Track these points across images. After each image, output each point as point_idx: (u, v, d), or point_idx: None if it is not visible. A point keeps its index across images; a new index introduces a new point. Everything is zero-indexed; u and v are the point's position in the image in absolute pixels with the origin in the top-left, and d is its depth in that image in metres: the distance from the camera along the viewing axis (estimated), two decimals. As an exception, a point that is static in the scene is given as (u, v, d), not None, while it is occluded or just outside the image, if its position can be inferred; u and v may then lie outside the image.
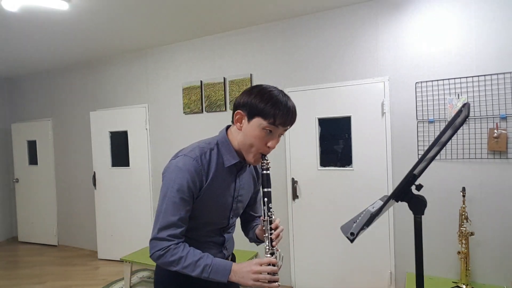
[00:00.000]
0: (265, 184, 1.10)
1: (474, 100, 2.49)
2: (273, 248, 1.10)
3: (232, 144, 1.13)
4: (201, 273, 1.03)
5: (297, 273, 3.21)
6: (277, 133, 1.07)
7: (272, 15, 3.10)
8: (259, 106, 1.03)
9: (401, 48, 2.73)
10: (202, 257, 1.06)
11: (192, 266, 1.04)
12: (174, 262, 1.03)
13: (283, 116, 1.03)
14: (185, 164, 1.05)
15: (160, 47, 3.93)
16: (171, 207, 1.04)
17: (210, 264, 1.05)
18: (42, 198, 4.95)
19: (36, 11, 2.81)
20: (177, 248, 1.04)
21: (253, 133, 1.05)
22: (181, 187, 1.04)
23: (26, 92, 5.12)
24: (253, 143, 1.06)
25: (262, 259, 1.07)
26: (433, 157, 0.91)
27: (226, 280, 1.04)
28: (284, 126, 1.06)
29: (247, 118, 1.07)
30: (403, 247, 2.78)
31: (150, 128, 4.04)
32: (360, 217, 0.97)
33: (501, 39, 2.41)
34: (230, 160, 1.12)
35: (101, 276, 3.70)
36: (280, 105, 1.03)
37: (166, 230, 1.04)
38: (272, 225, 1.10)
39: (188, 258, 1.04)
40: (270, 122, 1.03)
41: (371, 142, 2.86)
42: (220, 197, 1.14)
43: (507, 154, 2.41)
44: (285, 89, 3.20)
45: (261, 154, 1.09)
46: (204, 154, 1.09)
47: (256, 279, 1.04)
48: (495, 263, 2.47)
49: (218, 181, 1.12)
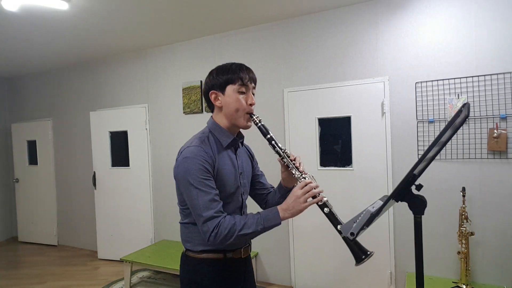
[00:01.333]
0: (265, 132, 1.25)
1: (474, 100, 2.49)
2: (302, 174, 1.21)
3: (222, 125, 1.26)
4: (256, 226, 1.13)
5: (297, 273, 3.21)
6: (250, 91, 1.26)
7: (272, 15, 3.10)
8: (224, 77, 1.22)
9: (401, 48, 2.73)
10: (249, 216, 1.16)
11: (246, 226, 1.13)
12: (230, 232, 1.10)
13: (245, 74, 1.23)
14: (193, 152, 1.15)
15: (160, 47, 3.93)
16: (202, 188, 1.12)
17: (260, 216, 1.16)
18: (42, 198, 4.95)
19: (36, 11, 2.81)
20: (225, 220, 1.12)
21: (232, 99, 1.22)
22: (200, 170, 1.12)
23: (26, 92, 5.12)
24: (237, 107, 1.22)
25: (299, 184, 1.17)
26: (433, 157, 0.92)
27: (279, 221, 1.15)
28: (251, 82, 1.26)
29: (221, 93, 1.24)
30: (403, 247, 2.78)
31: (150, 128, 4.04)
32: (360, 217, 0.98)
33: (501, 39, 2.41)
34: (227, 139, 1.25)
35: (101, 276, 3.70)
36: (237, 68, 1.23)
37: (209, 209, 1.11)
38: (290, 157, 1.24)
39: (239, 222, 1.13)
40: (240, 84, 1.22)
41: (371, 142, 2.86)
42: (230, 174, 1.24)
43: (507, 154, 2.41)
44: (285, 89, 3.20)
45: (249, 115, 1.25)
46: (203, 141, 1.20)
47: (304, 200, 1.14)
48: (495, 263, 2.47)
49: (223, 160, 1.23)
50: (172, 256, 3.32)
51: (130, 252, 3.55)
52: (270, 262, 3.34)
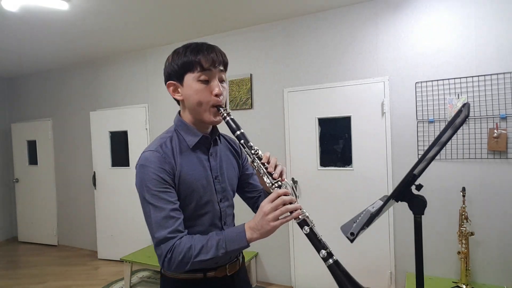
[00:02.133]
0: (234, 128, 1.00)
1: (474, 100, 2.48)
2: (275, 180, 0.95)
3: (188, 122, 1.06)
4: (217, 251, 0.91)
5: (297, 273, 3.21)
6: (214, 79, 1.00)
7: (272, 15, 3.10)
8: (179, 63, 0.98)
9: (401, 48, 2.73)
10: (210, 237, 0.94)
11: (204, 250, 0.92)
12: (184, 257, 0.90)
13: (207, 57, 0.97)
14: (147, 159, 0.98)
15: (160, 47, 3.93)
16: (156, 204, 0.95)
17: (222, 238, 0.93)
18: (42, 198, 4.95)
19: (36, 11, 2.81)
20: (181, 242, 0.92)
21: (192, 91, 0.99)
22: (154, 181, 0.95)
23: (26, 92, 5.12)
24: (199, 99, 0.99)
25: (270, 196, 0.92)
26: (433, 157, 0.91)
27: (246, 242, 0.92)
28: (216, 66, 0.99)
29: (179, 83, 1.01)
30: (403, 247, 2.78)
31: (150, 128, 4.04)
32: (360, 217, 0.97)
33: (501, 39, 2.41)
34: (193, 139, 1.04)
35: (101, 276, 3.70)
36: (195, 50, 0.98)
37: (163, 229, 0.93)
38: (262, 160, 0.98)
39: (196, 245, 0.92)
40: (199, 71, 0.97)
41: (371, 142, 2.86)
42: (198, 180, 1.03)
43: (507, 154, 2.41)
44: (285, 89, 3.20)
45: (215, 108, 1.01)
46: (164, 143, 1.02)
47: (274, 217, 0.89)
48: (495, 263, 2.47)
49: (188, 164, 1.02)
50: (172, 256, 3.32)
51: (130, 252, 3.54)
52: (270, 262, 3.34)
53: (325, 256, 0.89)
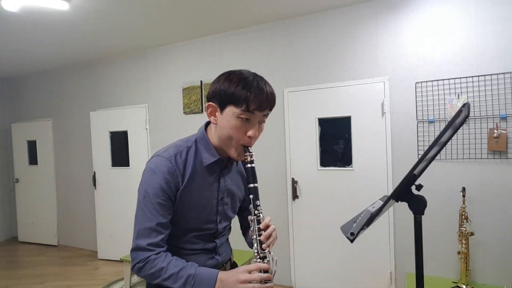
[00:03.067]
0: (250, 179, 0.97)
1: (474, 100, 2.48)
2: (263, 251, 0.96)
3: (211, 141, 1.03)
4: (184, 284, 0.93)
5: (297, 273, 3.21)
6: (255, 120, 0.96)
7: (272, 15, 3.10)
8: (228, 92, 0.93)
9: (401, 48, 2.73)
10: (184, 267, 0.95)
11: (174, 278, 0.93)
12: (154, 274, 0.94)
13: (256, 99, 0.92)
14: (158, 166, 0.97)
15: (160, 47, 3.93)
16: (147, 212, 0.97)
17: (194, 274, 0.94)
18: (42, 198, 4.95)
19: (36, 11, 2.81)
20: (157, 258, 0.94)
21: (228, 124, 0.95)
22: (155, 190, 0.96)
23: (26, 92, 5.12)
24: (231, 135, 0.96)
25: (251, 265, 0.93)
26: (433, 157, 0.91)
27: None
28: (261, 111, 0.95)
29: (219, 109, 0.97)
30: (403, 247, 2.78)
31: (150, 128, 4.04)
32: (360, 217, 0.97)
33: (501, 39, 2.41)
34: (209, 158, 1.02)
35: (101, 276, 3.70)
36: (251, 88, 0.92)
37: (144, 238, 0.95)
38: (260, 225, 0.97)
39: (169, 269, 0.94)
40: (243, 109, 0.92)
41: (371, 142, 2.86)
42: (201, 199, 1.04)
43: (507, 154, 2.41)
44: (285, 89, 3.20)
45: (243, 147, 0.98)
46: (180, 153, 1.00)
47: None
48: (495, 263, 2.47)
49: (197, 182, 1.02)
50: (172, 256, 3.32)
51: (130, 252, 3.54)
52: None
53: None
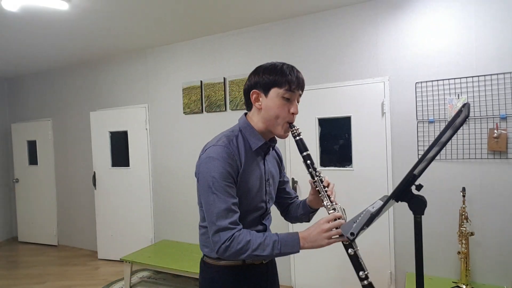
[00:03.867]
0: (301, 148, 1.12)
1: (474, 100, 2.48)
2: (332, 204, 1.10)
3: (255, 127, 1.16)
4: (272, 250, 1.02)
5: (297, 273, 3.20)
6: (294, 98, 1.13)
7: (272, 15, 3.10)
8: (270, 78, 1.10)
9: (401, 48, 2.73)
10: (267, 236, 1.04)
11: (262, 247, 1.02)
12: (242, 248, 1.01)
13: (294, 79, 1.10)
14: (218, 153, 1.06)
15: (160, 47, 3.93)
16: (221, 195, 1.04)
17: (278, 240, 1.04)
18: (42, 198, 4.95)
19: (36, 11, 2.81)
20: (241, 234, 1.03)
21: (274, 104, 1.10)
22: (222, 174, 1.04)
23: (26, 92, 5.12)
24: (278, 114, 1.10)
25: (328, 216, 1.05)
26: (433, 157, 0.91)
27: (298, 249, 1.03)
28: (299, 89, 1.13)
29: (263, 94, 1.12)
30: (403, 247, 2.78)
31: (150, 128, 4.04)
32: (360, 217, 0.97)
33: (501, 39, 2.41)
34: (257, 142, 1.14)
35: (101, 276, 3.70)
36: (288, 71, 1.11)
37: (224, 219, 1.03)
38: (324, 182, 1.13)
39: (255, 240, 1.03)
40: (286, 89, 1.09)
41: (371, 142, 2.86)
42: (255, 180, 1.15)
43: (507, 154, 2.41)
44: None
45: (288, 124, 1.12)
46: (231, 141, 1.11)
47: (329, 236, 1.01)
48: (495, 263, 2.47)
49: (250, 165, 1.13)
50: (172, 256, 3.32)
51: (130, 252, 3.54)
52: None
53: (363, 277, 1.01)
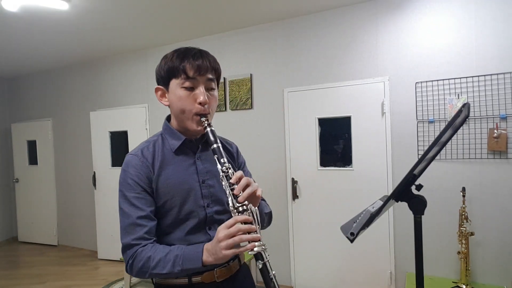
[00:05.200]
0: (211, 141, 0.96)
1: (474, 100, 2.48)
2: (240, 204, 0.88)
3: (175, 128, 1.06)
4: (172, 267, 0.89)
5: (297, 273, 3.20)
6: (200, 86, 0.97)
7: (272, 15, 3.10)
8: (165, 68, 0.98)
9: (401, 48, 2.73)
10: (172, 249, 0.92)
11: (161, 263, 0.90)
12: (144, 266, 0.90)
13: (193, 63, 0.95)
14: (126, 163, 0.99)
15: (160, 47, 3.93)
16: (126, 210, 0.96)
17: (180, 254, 0.90)
18: (42, 198, 4.95)
19: (36, 11, 2.81)
20: (143, 250, 0.92)
21: (176, 97, 0.98)
22: (128, 186, 0.97)
23: (26, 92, 5.12)
24: (182, 107, 0.98)
25: (228, 221, 0.86)
26: (433, 157, 0.91)
27: (200, 264, 0.88)
28: (202, 74, 0.96)
29: (165, 89, 1.01)
30: (403, 247, 2.78)
31: (150, 128, 4.03)
32: (360, 217, 0.97)
33: (501, 39, 2.41)
34: (176, 142, 1.03)
35: (101, 276, 3.70)
36: (184, 56, 0.96)
37: (128, 235, 0.94)
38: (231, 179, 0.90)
39: (156, 256, 0.90)
40: (183, 78, 0.95)
41: (371, 142, 2.86)
42: (180, 185, 1.00)
43: (507, 154, 2.41)
44: (285, 89, 3.20)
45: (199, 116, 0.98)
46: (147, 147, 1.02)
47: (227, 246, 0.83)
48: (495, 263, 2.47)
49: (170, 168, 1.01)
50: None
51: (130, 252, 3.54)
52: (270, 262, 3.34)
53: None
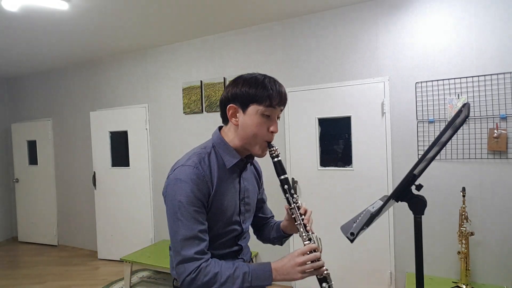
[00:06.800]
0: (279, 171, 1.05)
1: (474, 100, 2.48)
2: (308, 233, 1.02)
3: (230, 143, 1.07)
4: (242, 283, 0.94)
5: (297, 273, 3.20)
6: (275, 116, 1.04)
7: (272, 15, 3.10)
8: (250, 93, 1.00)
9: (401, 48, 2.73)
10: (237, 267, 0.97)
11: (231, 280, 0.94)
12: (210, 281, 0.93)
13: (276, 95, 1.02)
14: (186, 174, 0.97)
15: (160, 47, 3.93)
16: (186, 222, 0.95)
17: (248, 272, 0.96)
18: (42, 198, 4.94)
19: (36, 11, 2.81)
20: (208, 265, 0.94)
21: (252, 122, 1.01)
22: (189, 198, 0.95)
23: (26, 92, 5.12)
24: (256, 132, 1.01)
25: (303, 248, 0.98)
26: (433, 157, 0.91)
27: (271, 282, 0.96)
28: (280, 106, 1.04)
29: (241, 110, 1.02)
30: (403, 247, 2.78)
31: (150, 128, 4.04)
32: (360, 217, 0.97)
33: (501, 39, 2.41)
34: (231, 160, 1.05)
35: (101, 276, 3.70)
36: (270, 86, 1.01)
37: (190, 248, 0.94)
38: (300, 210, 1.05)
39: (223, 272, 0.94)
40: (266, 105, 1.00)
41: (371, 142, 2.86)
42: (229, 201, 1.06)
43: (507, 154, 2.41)
44: (285, 89, 3.20)
45: (266, 143, 1.04)
46: (203, 159, 1.02)
47: (302, 270, 0.95)
48: (495, 263, 2.47)
49: (223, 184, 1.05)
50: (172, 256, 3.32)
51: (130, 252, 3.54)
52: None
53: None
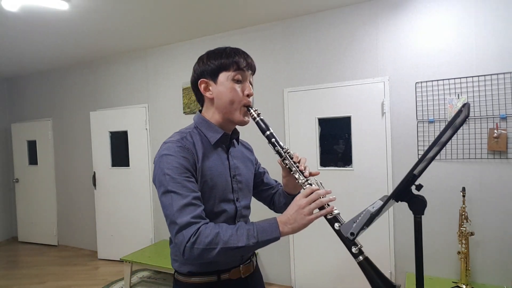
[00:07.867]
0: (264, 128, 1.04)
1: (474, 100, 2.48)
2: (306, 178, 1.00)
3: (212, 121, 1.07)
4: (247, 240, 0.88)
5: (297, 273, 3.20)
6: (246, 80, 1.05)
7: (272, 15, 3.10)
8: (216, 63, 1.02)
9: (401, 48, 2.73)
10: (238, 226, 0.92)
11: (235, 238, 0.88)
12: (212, 242, 0.87)
13: (242, 58, 1.03)
14: (169, 148, 0.95)
15: (160, 47, 3.93)
16: (178, 191, 0.91)
17: (253, 227, 0.91)
18: (42, 198, 4.94)
19: (36, 11, 2.81)
20: (207, 227, 0.89)
21: (226, 88, 1.02)
22: (177, 169, 0.93)
23: (26, 92, 5.12)
24: (232, 98, 1.02)
25: (304, 191, 0.95)
26: (433, 157, 0.91)
27: (279, 234, 0.91)
28: (248, 69, 1.06)
29: (212, 81, 1.04)
30: (403, 247, 2.78)
31: (150, 128, 4.03)
32: (360, 217, 0.97)
33: (501, 39, 2.41)
34: (215, 135, 1.05)
35: (101, 276, 3.70)
36: (233, 51, 1.04)
37: (186, 214, 0.89)
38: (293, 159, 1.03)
39: (225, 231, 0.89)
40: (235, 69, 1.02)
41: (371, 142, 2.86)
42: (219, 177, 1.03)
43: (507, 154, 2.41)
44: (285, 89, 3.20)
45: (246, 108, 1.04)
46: (185, 137, 1.01)
47: (309, 211, 0.91)
48: (495, 263, 2.47)
49: (210, 160, 1.02)
50: (172, 256, 3.32)
51: (130, 252, 3.54)
52: (270, 262, 3.34)
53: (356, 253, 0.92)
